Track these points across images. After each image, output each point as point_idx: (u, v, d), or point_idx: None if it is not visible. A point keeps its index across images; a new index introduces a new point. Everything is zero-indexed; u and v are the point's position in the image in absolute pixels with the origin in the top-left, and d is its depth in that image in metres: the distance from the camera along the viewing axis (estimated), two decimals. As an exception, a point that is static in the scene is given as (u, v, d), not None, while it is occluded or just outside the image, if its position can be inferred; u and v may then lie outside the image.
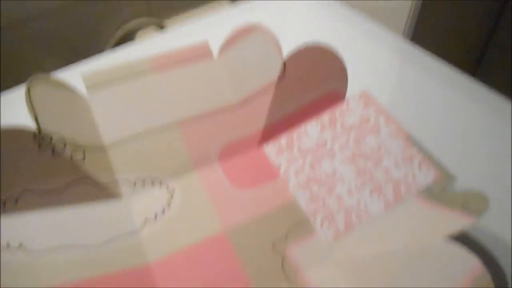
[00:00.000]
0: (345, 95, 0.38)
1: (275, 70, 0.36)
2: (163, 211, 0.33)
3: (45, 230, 0.30)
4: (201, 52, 0.39)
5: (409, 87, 0.40)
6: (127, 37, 0.53)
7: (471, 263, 0.23)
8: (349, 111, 0.37)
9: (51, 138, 0.30)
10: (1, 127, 0.28)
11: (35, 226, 0.29)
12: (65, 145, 0.31)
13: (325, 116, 0.37)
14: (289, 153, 0.36)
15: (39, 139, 0.29)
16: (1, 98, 0.41)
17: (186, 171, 0.35)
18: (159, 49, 0.38)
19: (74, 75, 0.37)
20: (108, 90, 0.36)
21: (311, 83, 0.37)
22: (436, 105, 0.39)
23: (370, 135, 0.35)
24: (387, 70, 0.43)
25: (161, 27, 0.56)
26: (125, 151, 0.35)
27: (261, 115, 0.36)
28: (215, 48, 0.39)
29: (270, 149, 0.36)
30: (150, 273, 0.30)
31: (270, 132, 0.37)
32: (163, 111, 0.36)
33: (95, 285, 0.28)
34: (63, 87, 0.33)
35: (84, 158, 0.32)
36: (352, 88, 0.38)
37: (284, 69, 0.36)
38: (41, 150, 0.29)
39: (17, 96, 0.35)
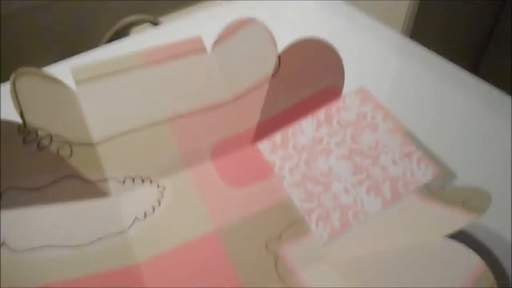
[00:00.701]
0: (341, 91, 0.37)
1: (270, 65, 0.35)
2: (153, 210, 0.32)
3: (30, 228, 0.29)
4: (194, 47, 0.38)
5: (407, 83, 0.39)
6: (122, 33, 0.52)
7: (473, 262, 0.22)
8: (345, 107, 0.36)
9: (37, 133, 0.29)
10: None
11: (20, 224, 0.28)
12: (51, 140, 0.30)
13: (321, 113, 0.36)
14: (284, 150, 0.35)
15: (23, 133, 0.28)
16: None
17: (177, 169, 0.34)
18: (152, 44, 0.37)
19: (65, 70, 0.36)
20: (98, 84, 0.35)
21: (306, 78, 0.36)
22: (435, 101, 0.38)
23: (367, 131, 0.34)
24: (385, 66, 0.42)
25: (155, 24, 0.55)
26: (114, 148, 0.34)
27: (255, 111, 0.35)
28: (209, 43, 0.38)
29: (264, 146, 0.35)
30: (139, 273, 0.28)
31: (264, 128, 0.36)
32: (154, 107, 0.35)
33: (81, 285, 0.27)
34: (51, 80, 0.32)
35: (71, 155, 0.31)
36: (349, 85, 0.37)
37: (279, 64, 0.35)
38: (26, 144, 0.28)
39: (4, 90, 0.34)
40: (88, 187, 0.31)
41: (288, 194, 0.32)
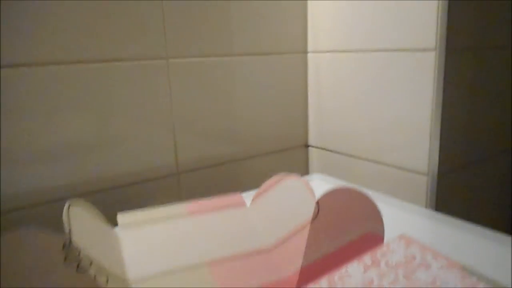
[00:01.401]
0: (383, 237, 0.36)
1: (309, 211, 0.36)
2: None
3: None
4: (234, 201, 0.40)
5: (441, 238, 0.39)
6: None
7: None
8: (391, 251, 0.35)
9: (79, 253, 0.28)
10: (34, 229, 0.27)
11: None
12: (90, 264, 0.28)
13: (366, 257, 0.34)
14: (333, 293, 0.32)
15: (67, 251, 0.27)
16: None
17: (216, 312, 0.30)
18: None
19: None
20: (140, 229, 0.35)
21: (347, 223, 0.36)
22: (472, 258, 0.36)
23: (420, 270, 0.32)
24: (419, 230, 0.42)
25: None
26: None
27: (297, 257, 0.34)
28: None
29: (311, 291, 0.32)
30: None
31: (308, 273, 0.33)
32: (193, 251, 0.34)
33: None
34: (99, 217, 0.33)
35: (107, 282, 0.28)
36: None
37: (318, 210, 0.36)
38: (67, 262, 0.27)
39: None
40: (117, 323, 0.28)
41: (345, 336, 0.28)
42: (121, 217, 0.36)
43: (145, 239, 0.35)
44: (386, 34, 0.57)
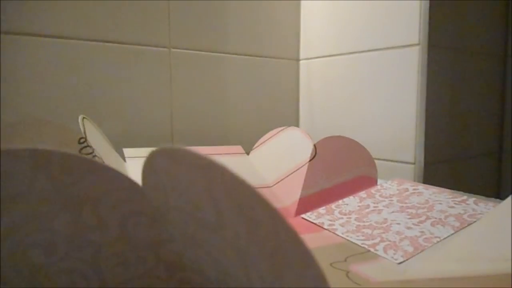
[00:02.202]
0: (376, 180, 0.38)
1: (306, 153, 0.38)
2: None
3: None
4: (235, 150, 0.41)
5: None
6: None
7: None
8: (384, 188, 0.36)
9: (93, 150, 0.29)
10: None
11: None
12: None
13: (361, 193, 0.36)
14: (331, 215, 0.33)
15: (82, 144, 0.29)
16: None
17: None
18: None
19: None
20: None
21: (342, 165, 0.38)
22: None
23: (413, 196, 0.34)
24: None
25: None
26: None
27: (296, 190, 0.36)
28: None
29: (309, 215, 0.34)
30: None
31: (306, 204, 0.35)
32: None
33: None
34: (108, 142, 0.35)
35: (116, 183, 0.29)
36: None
37: (315, 152, 0.38)
38: (81, 154, 0.28)
39: None
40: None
41: (345, 238, 0.29)
42: (127, 151, 0.37)
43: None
44: (372, 35, 0.63)
